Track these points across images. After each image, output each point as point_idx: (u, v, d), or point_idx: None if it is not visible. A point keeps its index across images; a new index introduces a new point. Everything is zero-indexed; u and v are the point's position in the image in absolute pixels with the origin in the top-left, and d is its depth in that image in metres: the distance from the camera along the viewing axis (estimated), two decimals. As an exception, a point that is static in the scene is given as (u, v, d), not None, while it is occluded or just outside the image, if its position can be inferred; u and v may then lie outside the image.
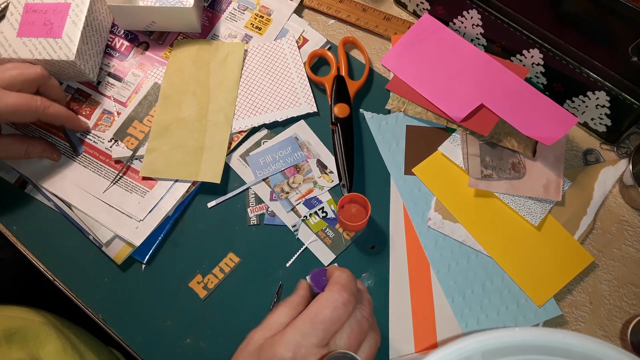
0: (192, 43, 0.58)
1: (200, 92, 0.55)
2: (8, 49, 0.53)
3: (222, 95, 0.55)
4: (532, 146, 0.52)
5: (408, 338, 0.47)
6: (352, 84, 0.56)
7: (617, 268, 0.50)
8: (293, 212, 0.52)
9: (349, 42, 0.58)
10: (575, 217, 0.51)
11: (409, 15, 0.61)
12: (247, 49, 0.58)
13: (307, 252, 0.51)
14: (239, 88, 0.56)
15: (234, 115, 0.55)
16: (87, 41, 0.55)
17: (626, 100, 0.48)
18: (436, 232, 0.51)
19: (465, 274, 0.49)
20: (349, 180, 0.51)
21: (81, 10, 0.54)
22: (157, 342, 0.48)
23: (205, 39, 0.58)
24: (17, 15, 0.54)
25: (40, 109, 0.49)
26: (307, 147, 0.54)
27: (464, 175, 0.53)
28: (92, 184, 0.53)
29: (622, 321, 0.48)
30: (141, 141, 0.54)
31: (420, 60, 0.56)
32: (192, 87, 0.56)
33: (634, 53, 0.46)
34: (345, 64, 0.57)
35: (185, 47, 0.58)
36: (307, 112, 0.55)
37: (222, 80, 0.56)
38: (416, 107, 0.55)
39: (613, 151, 0.54)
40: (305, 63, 0.57)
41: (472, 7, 0.53)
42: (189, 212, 0.53)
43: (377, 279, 0.49)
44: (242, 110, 0.56)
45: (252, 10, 0.61)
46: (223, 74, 0.56)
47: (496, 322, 0.48)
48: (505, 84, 0.53)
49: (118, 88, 0.57)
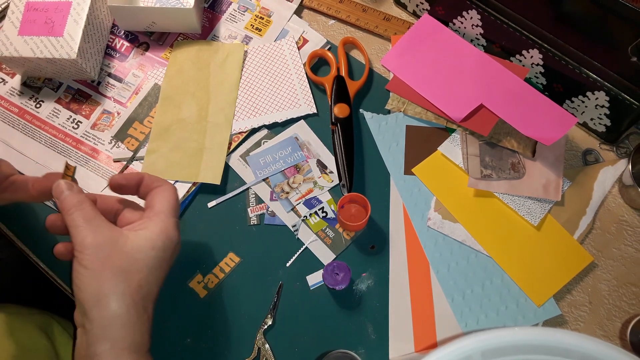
0: (192, 44, 0.58)
1: (200, 93, 0.55)
2: (9, 48, 0.53)
3: (222, 97, 0.55)
4: (531, 146, 0.52)
5: (408, 338, 0.47)
6: (352, 84, 0.56)
7: (617, 268, 0.50)
8: (293, 212, 0.52)
9: (349, 42, 0.59)
10: (574, 217, 0.51)
11: (409, 15, 0.61)
12: (247, 50, 0.58)
13: (307, 252, 0.51)
14: (238, 89, 0.56)
15: (234, 117, 0.55)
16: (88, 40, 0.55)
17: (625, 100, 0.48)
18: (436, 232, 0.51)
19: (465, 274, 0.49)
20: (349, 180, 0.51)
21: (82, 9, 0.54)
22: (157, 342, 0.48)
23: (205, 40, 0.58)
24: (18, 14, 0.54)
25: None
26: (307, 147, 0.54)
27: (463, 175, 0.53)
28: (91, 184, 0.53)
29: (621, 321, 0.48)
30: (141, 142, 0.54)
31: (420, 61, 0.56)
32: (192, 88, 0.56)
33: (633, 53, 0.46)
34: (345, 64, 0.57)
35: (185, 48, 0.58)
36: (307, 113, 0.56)
37: (222, 82, 0.56)
38: (416, 107, 0.55)
39: (612, 151, 0.54)
40: (305, 63, 0.57)
41: (472, 7, 0.54)
42: (189, 212, 0.53)
43: (377, 279, 0.49)
44: (242, 112, 0.56)
45: (252, 12, 0.61)
46: (223, 75, 0.56)
47: (496, 322, 0.48)
48: (505, 84, 0.53)
49: (118, 89, 0.57)
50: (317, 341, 0.47)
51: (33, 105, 0.56)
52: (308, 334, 0.48)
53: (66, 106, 0.56)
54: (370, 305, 0.49)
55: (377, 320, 0.48)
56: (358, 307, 0.49)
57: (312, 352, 0.47)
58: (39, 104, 0.57)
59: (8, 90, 0.57)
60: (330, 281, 0.47)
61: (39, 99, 0.57)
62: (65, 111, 0.56)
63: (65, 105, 0.57)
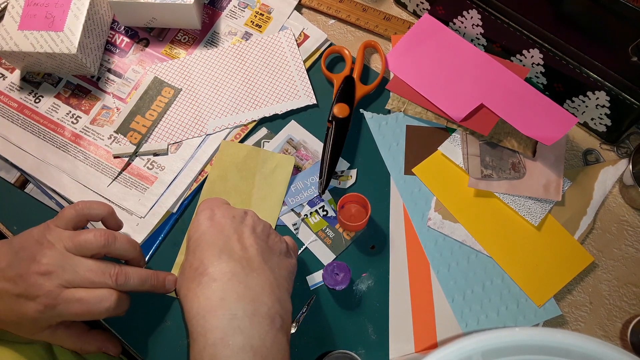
0: (240, 148, 0.53)
1: (240, 206, 0.50)
2: (9, 42, 0.53)
3: (263, 214, 0.51)
4: (532, 146, 0.52)
5: (408, 338, 0.47)
6: (361, 87, 0.56)
7: (617, 268, 0.50)
8: (293, 212, 0.52)
9: (370, 46, 0.58)
10: (575, 217, 0.51)
11: (409, 15, 0.61)
12: (293, 163, 0.53)
13: (307, 252, 0.50)
14: (281, 193, 0.51)
15: (235, 110, 0.55)
16: (88, 35, 0.54)
17: (626, 100, 0.48)
18: (436, 232, 0.51)
19: (465, 274, 0.49)
20: (326, 181, 0.51)
21: (83, 4, 0.54)
22: (157, 342, 0.48)
23: (254, 147, 0.54)
24: (18, 9, 0.54)
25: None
26: (303, 146, 0.54)
27: (464, 175, 0.52)
28: (91, 179, 0.52)
29: (622, 321, 0.48)
30: (144, 135, 0.54)
31: (421, 60, 0.56)
32: (233, 199, 0.51)
33: (634, 53, 0.46)
34: (359, 66, 0.57)
35: (232, 151, 0.53)
36: (307, 104, 0.55)
37: (266, 197, 0.51)
38: (416, 107, 0.55)
39: (613, 151, 0.54)
40: (322, 57, 0.57)
41: (472, 7, 0.53)
42: (189, 211, 0.52)
43: (377, 279, 0.49)
44: (241, 104, 0.55)
45: (252, 8, 0.61)
46: (268, 188, 0.52)
47: (496, 322, 0.48)
48: (505, 84, 0.53)
49: (118, 84, 0.57)
50: (317, 341, 0.47)
51: (32, 100, 0.56)
52: (308, 334, 0.47)
53: (65, 101, 0.56)
54: (370, 306, 0.48)
55: (377, 321, 0.48)
56: (358, 308, 0.48)
57: (312, 352, 0.47)
58: (38, 99, 0.56)
59: (7, 85, 0.57)
60: (331, 281, 0.46)
61: (39, 94, 0.56)
62: (64, 106, 0.56)
63: (64, 101, 0.56)
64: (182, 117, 0.55)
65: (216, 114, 0.55)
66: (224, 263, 0.38)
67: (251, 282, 0.38)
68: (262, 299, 0.37)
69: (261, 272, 0.39)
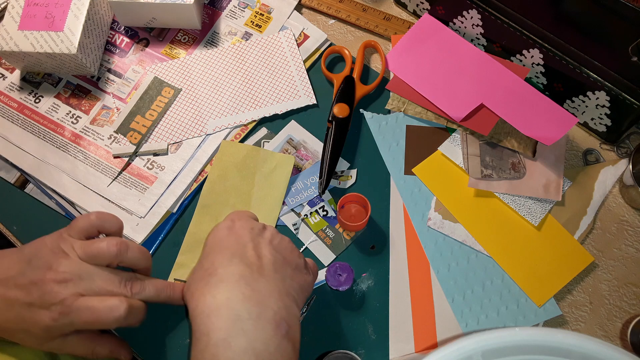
0: (240, 148, 0.53)
1: (240, 206, 0.51)
2: (9, 42, 0.53)
3: (263, 213, 0.51)
4: (532, 146, 0.52)
5: (408, 338, 0.47)
6: (361, 87, 0.56)
7: (617, 268, 0.50)
8: (293, 212, 0.52)
9: (371, 46, 0.58)
10: (575, 217, 0.51)
11: (409, 15, 0.61)
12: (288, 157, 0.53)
13: (307, 252, 0.50)
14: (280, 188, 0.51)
15: (235, 110, 0.55)
16: (88, 35, 0.54)
17: (626, 100, 0.48)
18: (436, 232, 0.51)
19: (465, 274, 0.49)
20: (326, 181, 0.51)
21: (83, 4, 0.54)
22: (157, 342, 0.48)
23: (254, 146, 0.54)
24: (18, 9, 0.54)
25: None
26: (303, 146, 0.54)
27: (464, 175, 0.52)
28: (91, 179, 0.52)
29: (622, 321, 0.48)
30: (144, 135, 0.54)
31: (421, 60, 0.56)
32: (233, 199, 0.51)
33: (634, 53, 0.46)
34: (359, 66, 0.57)
35: (232, 151, 0.53)
36: (307, 104, 0.55)
37: (266, 196, 0.51)
38: (416, 107, 0.55)
39: (613, 151, 0.54)
40: (322, 57, 0.57)
41: (472, 7, 0.53)
42: (189, 211, 0.52)
43: (377, 279, 0.49)
44: (241, 104, 0.55)
45: (252, 8, 0.61)
46: (268, 188, 0.52)
47: (496, 322, 0.48)
48: (505, 84, 0.53)
49: (118, 84, 0.57)
50: (317, 341, 0.47)
51: (32, 100, 0.56)
52: (308, 334, 0.47)
53: (65, 101, 0.56)
54: (370, 306, 0.48)
55: (377, 321, 0.48)
56: (358, 308, 0.48)
57: (312, 352, 0.47)
58: (38, 99, 0.56)
59: (7, 85, 0.57)
60: (334, 282, 0.46)
61: (38, 94, 0.56)
62: (64, 106, 0.56)
63: (64, 101, 0.56)
64: (182, 117, 0.55)
65: (216, 114, 0.55)
66: (234, 266, 0.38)
67: (259, 286, 0.38)
68: (268, 304, 0.37)
69: (270, 279, 0.38)
